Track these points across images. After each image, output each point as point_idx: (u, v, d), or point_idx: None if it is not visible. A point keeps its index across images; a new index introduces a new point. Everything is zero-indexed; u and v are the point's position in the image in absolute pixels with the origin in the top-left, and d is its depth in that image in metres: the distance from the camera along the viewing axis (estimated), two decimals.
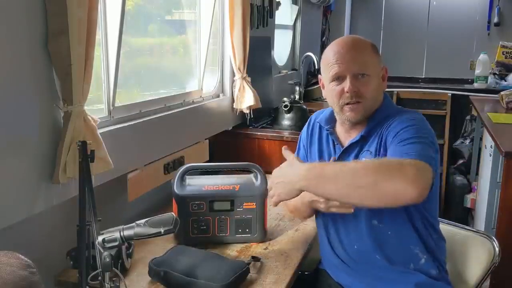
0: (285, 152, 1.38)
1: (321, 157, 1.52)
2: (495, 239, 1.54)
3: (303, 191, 1.28)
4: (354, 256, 1.42)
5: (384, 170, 1.17)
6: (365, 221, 1.38)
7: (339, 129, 1.49)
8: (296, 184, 1.26)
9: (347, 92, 1.36)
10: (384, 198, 1.17)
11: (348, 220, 1.41)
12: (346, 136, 1.46)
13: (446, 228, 1.59)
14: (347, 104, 1.38)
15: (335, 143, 1.48)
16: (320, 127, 1.55)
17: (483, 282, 1.53)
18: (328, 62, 1.39)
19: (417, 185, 1.13)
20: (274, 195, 1.34)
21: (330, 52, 1.40)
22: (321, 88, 1.49)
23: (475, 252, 1.55)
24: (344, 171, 1.20)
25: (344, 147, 1.44)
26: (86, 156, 1.22)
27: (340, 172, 1.20)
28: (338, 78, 1.38)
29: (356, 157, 1.41)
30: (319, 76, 1.50)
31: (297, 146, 1.65)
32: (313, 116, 1.62)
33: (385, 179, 1.15)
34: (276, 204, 1.38)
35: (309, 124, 1.61)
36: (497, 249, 1.52)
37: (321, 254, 1.59)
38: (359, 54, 1.38)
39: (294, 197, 1.31)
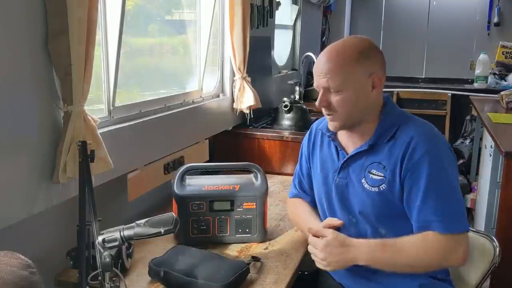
0: (321, 231, 1.39)
1: (324, 165, 1.49)
2: (495, 239, 1.54)
3: None
4: None
5: (441, 258, 1.31)
6: (371, 230, 1.38)
7: (342, 135, 1.46)
8: (353, 262, 1.34)
9: (316, 105, 1.37)
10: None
11: (353, 227, 1.40)
12: (350, 141, 1.43)
13: None
14: (327, 114, 1.39)
15: (339, 149, 1.45)
16: (322, 134, 1.52)
17: (483, 282, 1.53)
18: (314, 71, 1.38)
19: (466, 260, 1.31)
20: (323, 260, 1.36)
21: (317, 60, 1.38)
22: None
23: (475, 252, 1.55)
24: (402, 259, 1.32)
25: (349, 155, 1.41)
26: (86, 156, 1.22)
27: (399, 259, 1.32)
28: (318, 88, 1.37)
29: (363, 167, 1.37)
30: None
31: (299, 157, 1.62)
32: (314, 124, 1.59)
33: (441, 263, 1.34)
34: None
35: (310, 133, 1.58)
36: (497, 249, 1.51)
37: None
38: (335, 67, 1.31)
39: None
